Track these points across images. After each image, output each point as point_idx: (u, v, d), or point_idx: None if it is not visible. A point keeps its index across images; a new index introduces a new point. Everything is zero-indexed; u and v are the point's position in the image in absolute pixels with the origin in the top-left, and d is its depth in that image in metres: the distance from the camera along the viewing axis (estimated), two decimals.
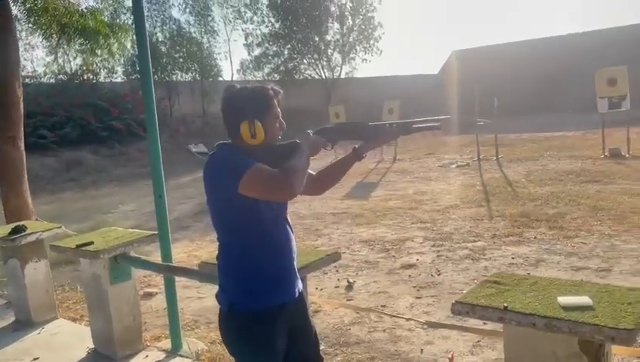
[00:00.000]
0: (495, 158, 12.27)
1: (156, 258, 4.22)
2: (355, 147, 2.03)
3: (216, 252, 1.98)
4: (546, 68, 25.76)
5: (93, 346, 3.74)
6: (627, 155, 10.88)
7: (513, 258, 5.26)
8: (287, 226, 1.98)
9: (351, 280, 4.95)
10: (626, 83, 11.29)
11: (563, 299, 1.83)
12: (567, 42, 27.11)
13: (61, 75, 22.93)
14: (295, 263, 2.01)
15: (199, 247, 6.68)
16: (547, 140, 15.02)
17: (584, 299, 1.82)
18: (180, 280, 4.18)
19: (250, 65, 30.21)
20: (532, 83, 25.46)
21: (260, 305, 1.87)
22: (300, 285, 2.03)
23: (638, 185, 7.95)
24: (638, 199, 7.09)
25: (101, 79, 23.42)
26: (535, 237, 5.87)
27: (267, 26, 29.49)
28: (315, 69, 30.34)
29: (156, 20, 25.70)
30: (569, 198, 7.54)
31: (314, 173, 2.09)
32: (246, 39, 29.78)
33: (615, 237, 5.56)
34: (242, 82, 2.08)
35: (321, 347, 2.21)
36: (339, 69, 30.41)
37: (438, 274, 4.97)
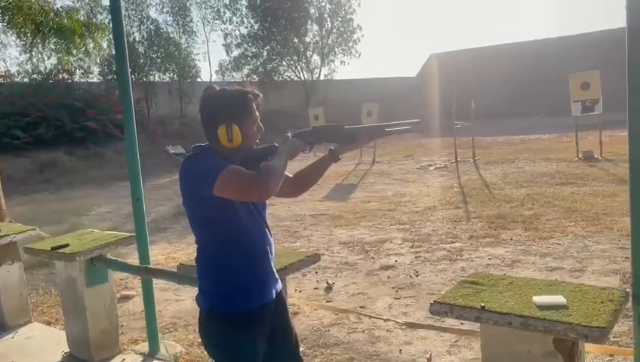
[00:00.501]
0: (472, 161, 12.42)
1: (133, 260, 4.18)
2: (331, 148, 2.05)
3: (195, 254, 1.98)
4: (522, 71, 26.20)
5: (68, 350, 3.69)
6: (600, 158, 11.14)
7: (490, 259, 5.33)
8: (266, 228, 1.98)
9: (330, 282, 4.96)
10: (599, 87, 11.56)
11: (538, 299, 1.87)
12: (542, 47, 27.59)
13: (35, 75, 22.50)
14: (273, 265, 2.01)
15: (177, 249, 6.62)
16: (523, 143, 15.27)
17: (558, 299, 1.86)
18: (157, 283, 4.13)
19: (229, 67, 30.08)
20: (508, 86, 25.86)
21: (240, 307, 1.87)
22: (279, 286, 2.04)
23: (610, 188, 8.14)
24: (610, 201, 7.26)
25: (76, 79, 23.02)
26: (511, 238, 5.96)
27: (246, 27, 29.41)
28: (294, 71, 30.35)
29: (133, 20, 25.39)
30: (544, 200, 7.68)
31: (291, 175, 2.10)
32: (225, 39, 29.65)
33: (588, 238, 5.69)
34: (222, 84, 2.07)
35: (301, 348, 2.21)
36: (318, 70, 30.50)
37: (417, 275, 5.01)
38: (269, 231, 2.00)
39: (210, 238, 1.90)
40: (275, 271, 2.02)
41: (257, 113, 1.93)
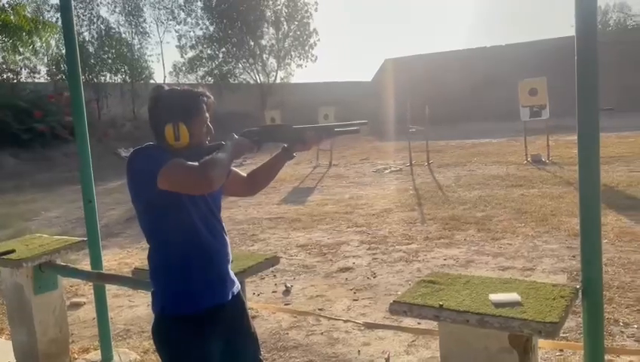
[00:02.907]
0: (426, 164, 12.67)
1: (83, 266, 4.04)
2: (285, 146, 2.04)
3: None
4: (473, 77, 26.95)
5: (15, 361, 3.52)
6: (547, 161, 11.57)
7: (445, 259, 5.44)
8: (220, 229, 1.95)
9: (288, 285, 4.95)
10: (546, 93, 12.03)
11: (494, 296, 1.92)
12: (490, 53, 28.49)
13: None
14: (229, 266, 1.98)
15: (130, 255, 6.45)
16: (474, 147, 15.68)
17: (513, 296, 1.91)
18: (110, 289, 4.02)
19: (183, 68, 29.61)
20: (460, 92, 26.52)
21: (190, 308, 1.84)
22: (235, 288, 2.00)
23: (557, 190, 8.46)
24: (557, 202, 7.54)
25: (22, 79, 22.11)
26: (465, 239, 6.10)
27: (201, 29, 29.06)
28: (250, 74, 30.19)
29: (83, 19, 24.64)
30: (495, 202, 7.90)
31: (245, 175, 2.09)
32: (179, 41, 29.21)
33: (537, 238, 5.89)
34: (174, 85, 2.04)
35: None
36: (274, 74, 30.44)
37: (374, 277, 5.06)
38: (223, 231, 1.97)
39: (159, 238, 1.86)
40: (230, 271, 1.99)
41: (207, 114, 1.90)
